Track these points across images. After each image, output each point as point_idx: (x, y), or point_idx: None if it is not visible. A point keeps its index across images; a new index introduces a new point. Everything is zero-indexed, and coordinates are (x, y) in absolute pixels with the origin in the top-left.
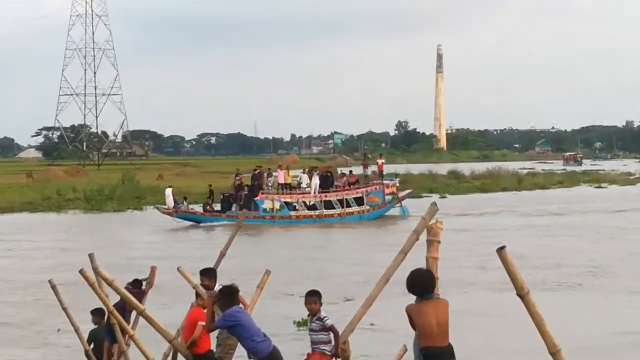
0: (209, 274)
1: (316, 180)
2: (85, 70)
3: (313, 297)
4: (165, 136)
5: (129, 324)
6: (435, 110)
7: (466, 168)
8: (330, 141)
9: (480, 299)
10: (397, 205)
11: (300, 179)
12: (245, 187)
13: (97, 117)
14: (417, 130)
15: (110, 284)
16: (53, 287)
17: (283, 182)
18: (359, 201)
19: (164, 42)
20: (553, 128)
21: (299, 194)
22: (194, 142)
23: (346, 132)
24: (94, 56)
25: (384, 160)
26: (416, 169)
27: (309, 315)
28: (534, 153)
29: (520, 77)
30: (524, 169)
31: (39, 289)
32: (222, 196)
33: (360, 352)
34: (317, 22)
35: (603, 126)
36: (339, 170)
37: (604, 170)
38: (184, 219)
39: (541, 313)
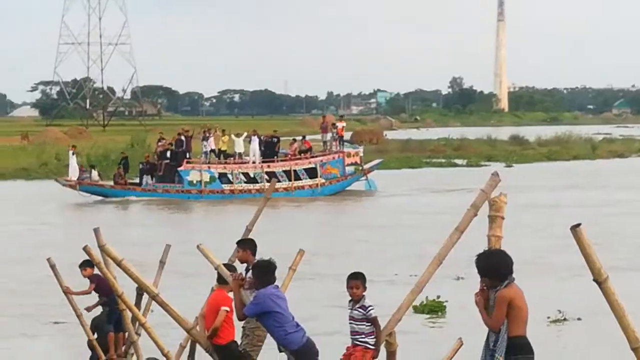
0: (245, 245)
1: (255, 146)
2: (89, 16)
3: (356, 281)
4: (180, 93)
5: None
6: (496, 66)
7: (531, 133)
8: (373, 100)
9: (553, 286)
10: (363, 178)
11: (234, 144)
12: (169, 154)
13: (102, 70)
14: (474, 88)
15: (118, 264)
16: (52, 266)
17: (215, 149)
18: (312, 173)
19: None
20: (633, 87)
21: (234, 163)
22: (214, 100)
23: (391, 90)
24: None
25: (344, 124)
26: (472, 133)
27: (350, 301)
28: (611, 116)
29: (595, 27)
30: (599, 134)
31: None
32: (140, 165)
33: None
34: None
35: None
36: (385, 133)
37: None
38: (89, 192)
39: (622, 302)
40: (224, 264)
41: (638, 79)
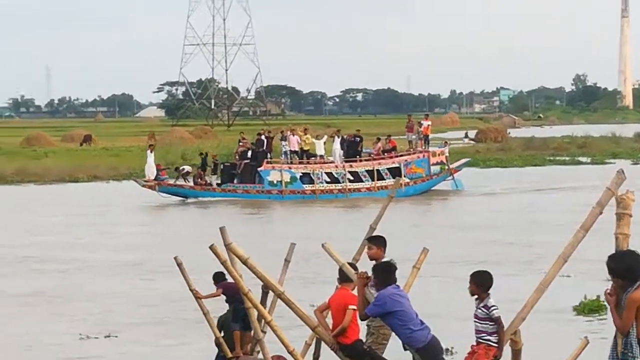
0: (377, 242)
1: (337, 146)
2: (213, 17)
3: (474, 280)
4: (304, 92)
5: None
6: (620, 62)
7: None
8: (495, 98)
9: None
10: (449, 178)
11: (312, 144)
12: (250, 154)
13: (226, 70)
14: (598, 85)
15: (244, 262)
16: (179, 264)
17: (296, 149)
18: (396, 172)
19: None
20: None
21: (315, 163)
22: (337, 99)
23: (514, 87)
24: (224, 2)
25: (429, 123)
26: (596, 130)
27: (476, 300)
28: None
29: None
30: None
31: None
32: (221, 166)
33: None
34: None
35: None
36: (508, 131)
37: None
38: (169, 193)
39: None
40: (348, 263)
41: None
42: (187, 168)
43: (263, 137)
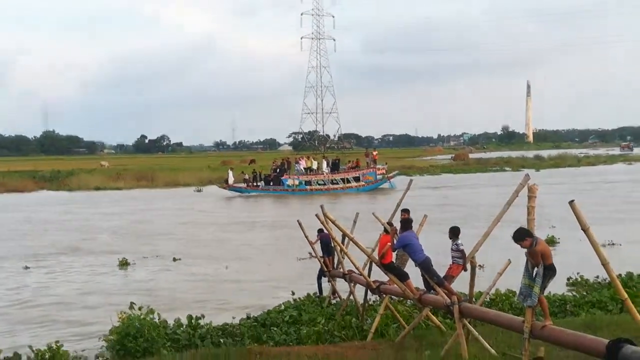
0: (407, 211)
1: (324, 165)
2: (316, 99)
3: (453, 230)
4: (362, 136)
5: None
6: (526, 119)
7: (545, 153)
8: (462, 138)
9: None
10: (388, 181)
11: (312, 164)
12: (277, 170)
13: (323, 126)
14: (515, 130)
15: (333, 222)
16: (300, 224)
17: (305, 167)
18: (357, 179)
19: (364, 81)
20: (599, 128)
21: (313, 175)
22: (379, 140)
23: (471, 132)
24: (322, 91)
25: (376, 152)
26: (514, 154)
27: (451, 239)
28: (588, 144)
29: (587, 98)
30: (581, 154)
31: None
32: (263, 176)
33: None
34: (446, 67)
35: (634, 127)
36: (469, 155)
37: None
38: (233, 191)
39: (598, 242)
40: (387, 222)
41: (604, 123)
42: (246, 176)
43: (285, 161)
